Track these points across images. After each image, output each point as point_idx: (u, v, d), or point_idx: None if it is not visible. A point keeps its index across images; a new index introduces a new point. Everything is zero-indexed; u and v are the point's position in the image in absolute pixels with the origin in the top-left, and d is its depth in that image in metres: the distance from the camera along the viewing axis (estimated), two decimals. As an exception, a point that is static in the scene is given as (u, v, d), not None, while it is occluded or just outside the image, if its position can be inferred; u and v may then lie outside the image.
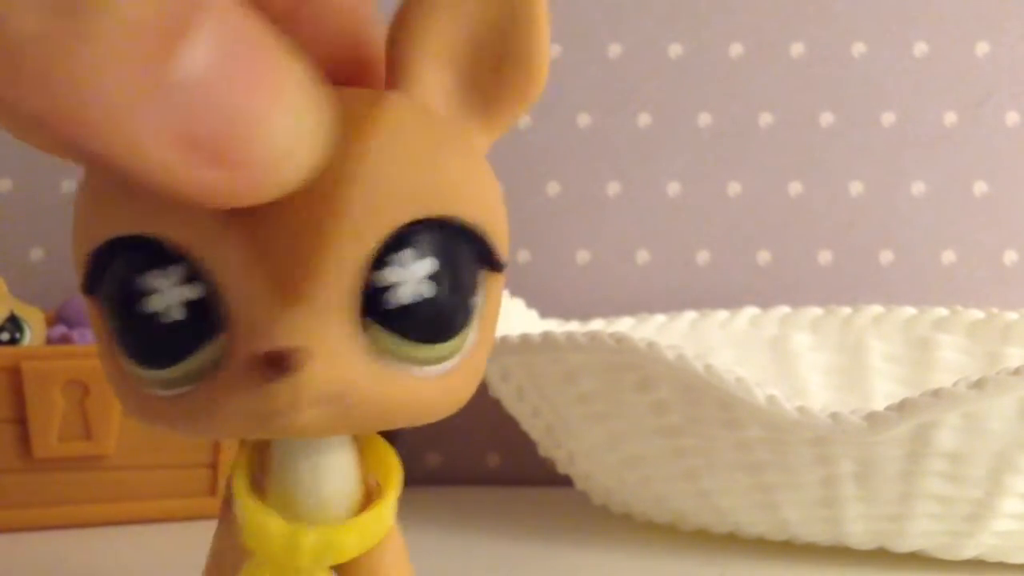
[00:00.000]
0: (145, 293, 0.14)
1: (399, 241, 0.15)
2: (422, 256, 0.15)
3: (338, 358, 0.14)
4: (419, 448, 0.45)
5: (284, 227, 0.14)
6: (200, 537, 0.19)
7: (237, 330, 0.14)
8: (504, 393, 0.36)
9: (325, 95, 0.14)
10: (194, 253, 0.14)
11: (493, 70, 0.16)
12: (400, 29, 0.16)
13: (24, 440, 0.35)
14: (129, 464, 0.36)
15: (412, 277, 0.15)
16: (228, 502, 0.19)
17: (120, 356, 0.15)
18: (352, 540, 0.16)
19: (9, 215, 0.46)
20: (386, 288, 0.15)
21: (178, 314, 0.14)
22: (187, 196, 0.13)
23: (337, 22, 0.17)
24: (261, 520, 0.16)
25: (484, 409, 0.39)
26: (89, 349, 0.36)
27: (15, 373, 0.35)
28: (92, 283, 0.15)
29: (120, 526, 0.36)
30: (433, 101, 0.16)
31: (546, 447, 0.37)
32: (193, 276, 0.14)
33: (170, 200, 0.13)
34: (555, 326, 0.43)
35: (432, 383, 0.16)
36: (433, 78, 0.16)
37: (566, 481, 0.38)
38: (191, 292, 0.14)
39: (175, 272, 0.14)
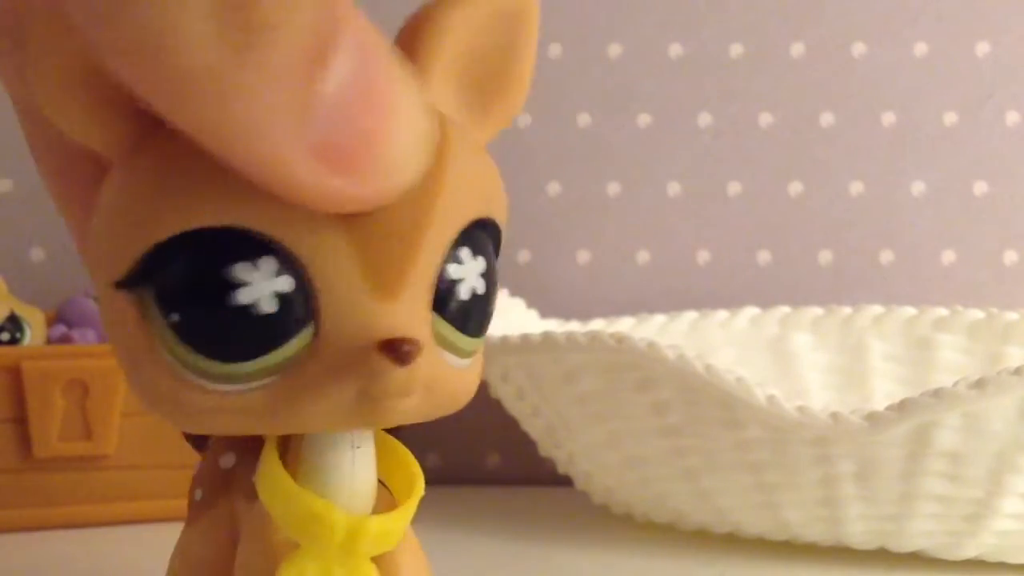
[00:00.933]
0: (234, 285, 0.14)
1: (460, 241, 0.16)
2: (477, 254, 0.16)
3: (429, 348, 0.15)
4: (419, 448, 0.45)
5: (383, 228, 0.15)
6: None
7: (330, 322, 0.15)
8: (504, 393, 0.36)
9: (433, 115, 0.15)
10: (293, 248, 0.14)
11: (489, 82, 0.17)
12: (415, 39, 0.17)
13: (24, 440, 0.35)
14: (129, 464, 0.36)
15: (471, 274, 0.16)
16: (203, 507, 0.19)
17: (181, 352, 0.15)
18: (400, 529, 0.17)
19: (9, 215, 0.46)
20: (452, 284, 0.16)
21: (269, 306, 0.14)
22: (314, 202, 0.14)
23: None
24: (320, 511, 0.16)
25: (484, 409, 0.39)
26: (89, 349, 0.36)
27: (15, 373, 0.35)
28: (141, 276, 0.15)
29: (120, 526, 0.36)
30: (442, 110, 0.17)
31: (546, 447, 0.37)
32: (283, 269, 0.15)
33: (260, 192, 0.14)
34: (555, 326, 0.43)
35: (465, 373, 0.17)
36: (440, 89, 0.17)
37: (566, 481, 0.38)
38: (283, 284, 0.14)
39: (266, 264, 0.14)
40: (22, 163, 0.47)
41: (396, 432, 0.18)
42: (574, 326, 0.43)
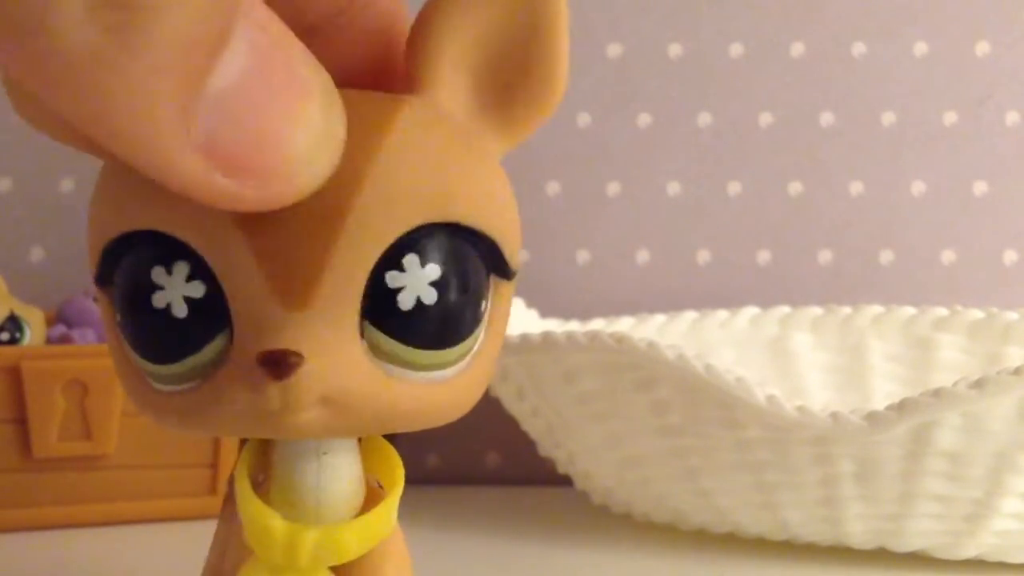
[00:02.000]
0: (150, 288, 0.15)
1: (404, 246, 0.15)
2: (427, 261, 0.15)
3: (337, 362, 0.14)
4: (419, 448, 0.45)
5: (290, 230, 0.14)
6: (200, 537, 0.19)
7: (240, 330, 0.14)
8: (504, 393, 0.36)
9: (342, 103, 0.14)
10: (199, 251, 0.14)
11: (512, 78, 0.16)
12: (419, 33, 0.16)
13: (24, 440, 0.35)
14: (129, 464, 0.36)
15: (416, 282, 0.15)
16: (228, 499, 0.19)
17: (127, 350, 0.16)
18: (353, 540, 0.16)
19: (9, 215, 0.46)
20: (389, 293, 0.15)
21: (181, 311, 0.14)
22: (203, 200, 0.13)
23: (375, 27, 0.17)
24: (262, 519, 0.16)
25: (484, 409, 0.39)
26: (89, 349, 0.36)
27: (15, 373, 0.35)
28: (104, 275, 0.15)
29: (120, 526, 0.36)
30: (449, 106, 0.16)
31: (546, 447, 0.37)
32: (198, 274, 0.14)
33: (181, 198, 0.13)
34: (555, 326, 0.43)
35: (434, 389, 0.16)
36: (450, 83, 0.16)
37: (566, 481, 0.38)
38: (195, 290, 0.14)
39: (180, 269, 0.14)
40: (22, 162, 0.47)
41: (396, 433, 0.18)
42: (574, 326, 0.43)
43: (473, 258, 0.16)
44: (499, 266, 0.16)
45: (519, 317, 0.42)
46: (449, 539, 0.35)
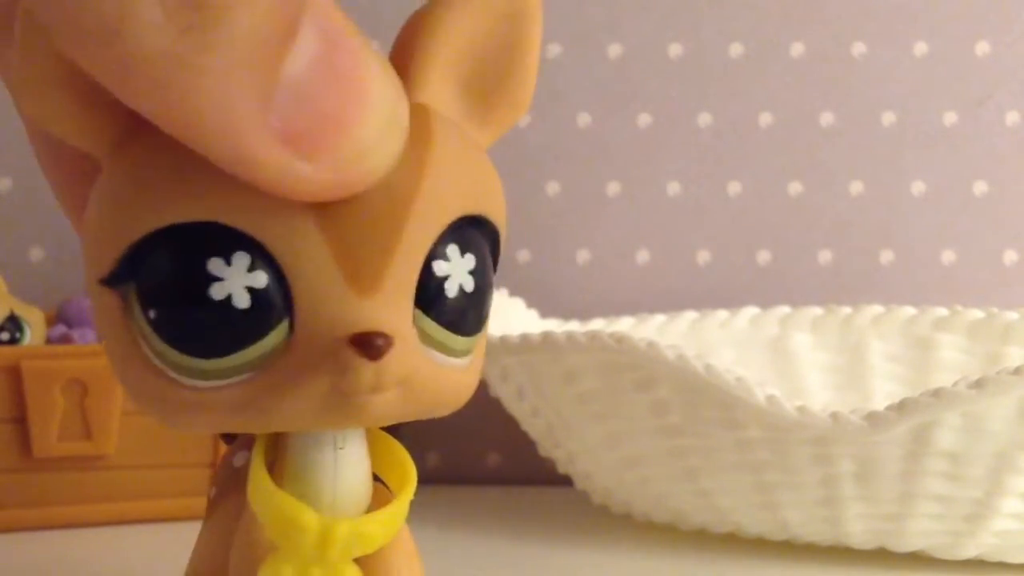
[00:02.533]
0: (207, 280, 0.14)
1: (448, 237, 0.15)
2: (466, 251, 0.16)
3: (407, 345, 0.15)
4: (419, 448, 0.45)
5: (360, 220, 0.14)
6: (200, 537, 0.19)
7: (306, 317, 0.15)
8: (504, 393, 0.36)
9: (406, 99, 0.14)
10: (268, 243, 0.14)
11: (493, 82, 0.17)
12: (410, 41, 0.16)
13: (24, 440, 0.35)
14: (129, 464, 0.36)
15: (459, 271, 0.16)
16: (215, 504, 0.19)
17: (160, 348, 0.15)
18: (379, 532, 0.16)
19: (9, 215, 0.46)
20: (438, 280, 0.15)
21: (243, 302, 0.14)
22: (278, 189, 0.14)
23: None
24: (293, 513, 0.16)
25: (484, 409, 0.39)
26: (89, 349, 0.36)
27: (15, 373, 0.35)
28: (124, 273, 0.15)
29: (120, 526, 0.36)
30: (440, 110, 0.17)
31: (546, 447, 0.37)
32: (257, 264, 0.14)
33: (244, 190, 0.14)
34: (555, 326, 0.43)
35: (458, 373, 0.16)
36: (439, 88, 0.17)
37: (566, 481, 0.38)
38: (258, 279, 0.14)
39: (240, 259, 0.14)
40: (22, 162, 0.47)
41: (395, 432, 0.18)
42: (574, 326, 0.43)
43: (489, 249, 0.17)
44: (496, 253, 0.17)
45: (519, 317, 0.42)
46: (449, 539, 0.35)
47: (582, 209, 0.47)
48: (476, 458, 0.46)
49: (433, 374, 0.16)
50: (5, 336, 0.37)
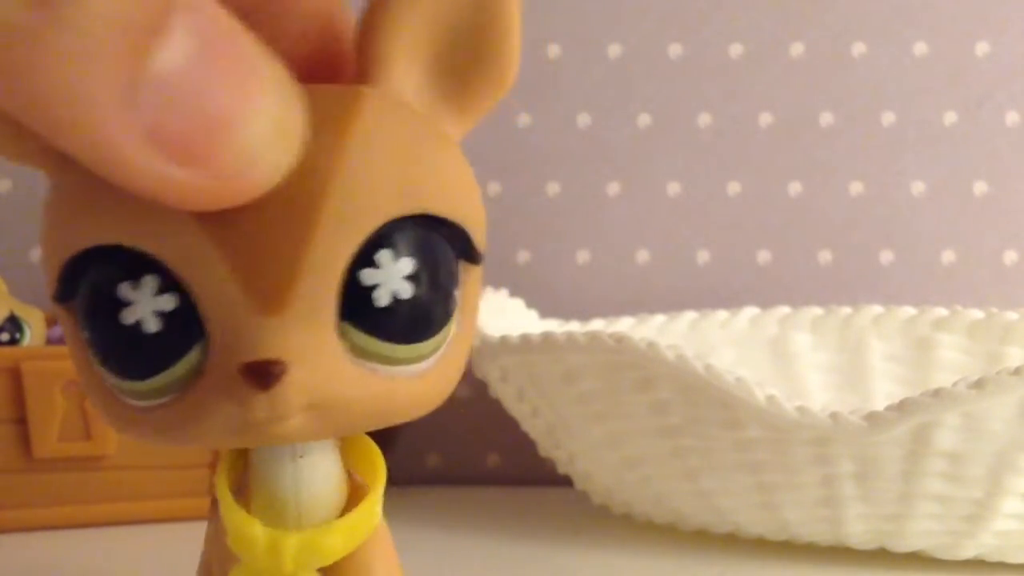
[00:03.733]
0: (119, 304, 0.14)
1: (377, 241, 0.14)
2: (401, 255, 0.15)
3: (319, 365, 0.14)
4: (419, 448, 0.45)
5: (260, 234, 0.14)
6: (200, 537, 0.19)
7: (216, 340, 0.14)
8: (504, 393, 0.36)
9: (299, 94, 0.14)
10: (169, 263, 0.14)
11: (465, 63, 0.16)
12: (372, 22, 0.16)
13: (24, 440, 0.35)
14: (129, 464, 0.36)
15: (391, 278, 0.15)
16: (215, 504, 0.19)
17: (97, 367, 0.15)
18: (337, 542, 0.16)
19: (9, 215, 0.46)
20: (365, 290, 0.14)
21: (153, 326, 0.14)
22: (156, 196, 0.13)
23: (307, 16, 0.17)
24: (243, 526, 0.16)
25: (484, 409, 0.39)
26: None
27: (15, 373, 0.35)
28: (65, 292, 0.15)
29: (120, 526, 0.36)
30: (405, 94, 0.16)
31: (546, 447, 0.37)
32: (168, 287, 0.14)
33: (144, 209, 0.13)
34: (555, 326, 0.43)
35: (412, 381, 0.15)
36: (405, 71, 0.16)
37: (566, 481, 0.38)
38: (166, 303, 0.14)
39: (149, 283, 0.14)
40: (22, 163, 0.47)
41: (396, 431, 0.18)
42: (574, 326, 0.43)
43: (444, 247, 0.15)
44: (468, 252, 0.16)
45: (519, 317, 0.42)
46: (449, 539, 0.35)
47: (582, 209, 0.47)
48: (476, 458, 0.46)
49: (363, 389, 0.15)
50: (5, 336, 0.37)
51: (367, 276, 0.14)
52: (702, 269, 0.47)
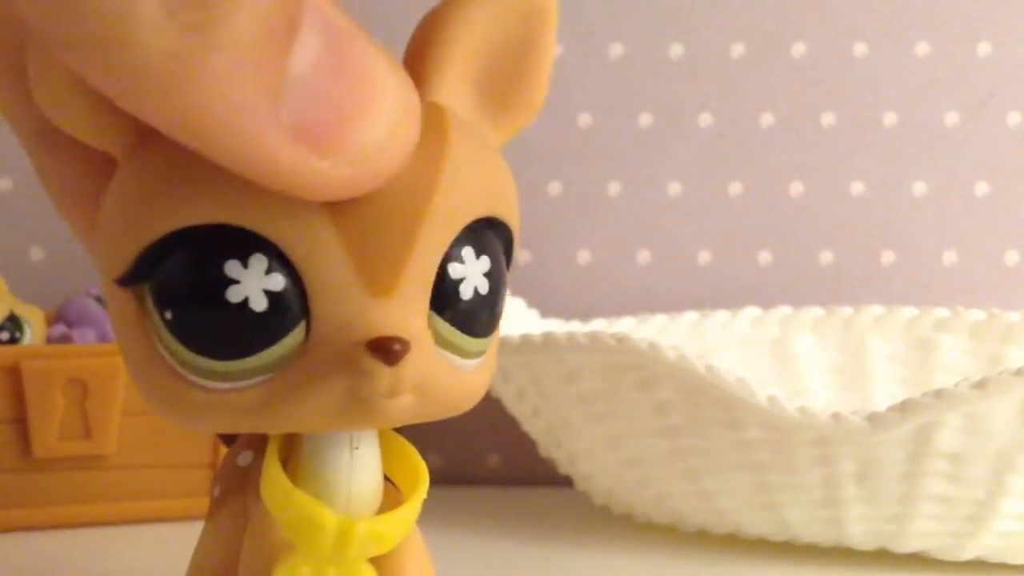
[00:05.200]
0: (223, 283, 0.14)
1: (462, 239, 0.15)
2: (481, 253, 0.16)
3: (424, 348, 0.15)
4: (419, 448, 0.45)
5: (376, 221, 0.14)
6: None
7: (322, 319, 0.15)
8: (505, 393, 0.36)
9: (413, 87, 0.14)
10: (280, 243, 0.14)
11: (505, 84, 0.17)
12: (427, 38, 0.16)
13: (24, 440, 0.35)
14: (129, 464, 0.36)
15: (474, 273, 0.16)
16: (220, 503, 0.19)
17: (175, 349, 0.15)
18: (395, 531, 0.16)
19: (9, 215, 0.46)
20: (453, 283, 0.15)
21: (260, 305, 0.14)
22: (294, 188, 0.14)
23: None
24: (312, 512, 0.16)
25: (484, 409, 0.39)
26: (89, 349, 0.36)
27: (15, 373, 0.35)
28: (139, 273, 0.15)
29: (120, 526, 0.36)
30: (454, 108, 0.17)
31: (547, 447, 0.37)
32: (274, 266, 0.14)
33: (255, 190, 0.14)
34: (556, 326, 0.43)
35: (470, 375, 0.16)
36: (454, 87, 0.17)
37: (567, 482, 0.38)
38: (273, 282, 0.14)
39: (258, 262, 0.14)
40: (22, 162, 0.47)
41: (397, 431, 0.18)
42: (575, 326, 0.43)
43: (502, 250, 0.17)
44: (510, 255, 0.17)
45: (519, 317, 0.42)
46: (449, 539, 0.35)
47: (583, 209, 0.47)
48: (477, 459, 0.46)
49: (447, 377, 0.16)
50: (5, 336, 0.37)
51: (455, 270, 0.15)
52: (703, 269, 0.47)
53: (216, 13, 0.12)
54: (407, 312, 0.15)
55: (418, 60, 0.16)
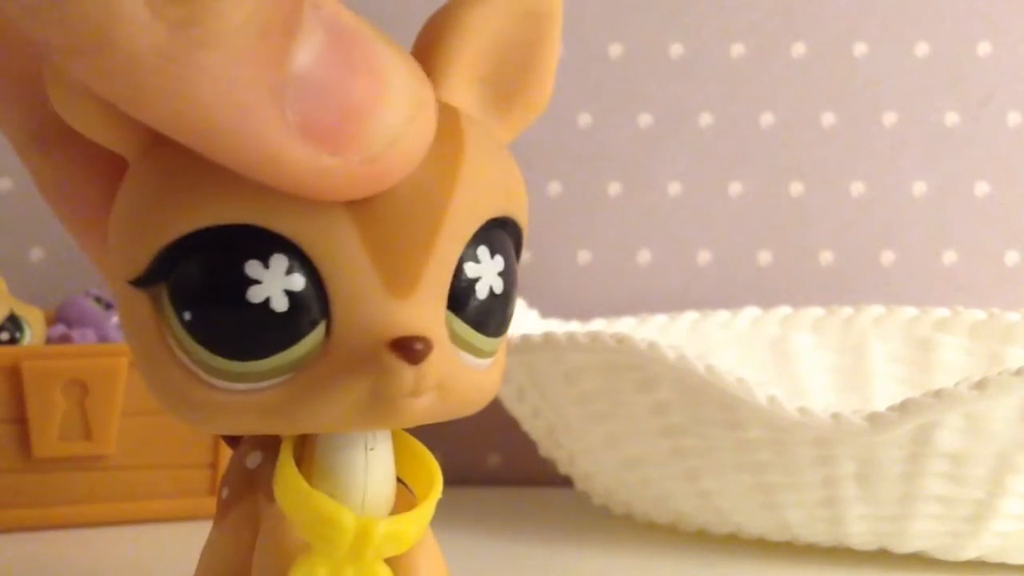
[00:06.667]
0: (244, 283, 0.14)
1: (478, 238, 0.16)
2: (496, 253, 0.16)
3: (443, 348, 0.15)
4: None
5: (396, 221, 0.14)
6: (200, 537, 0.19)
7: (343, 319, 0.14)
8: (505, 393, 0.36)
9: (428, 82, 0.14)
10: (301, 242, 0.14)
11: (512, 83, 0.17)
12: (438, 37, 0.16)
13: (24, 440, 0.35)
14: (129, 464, 0.36)
15: (489, 273, 0.16)
16: (229, 505, 0.19)
17: (192, 350, 0.15)
18: (412, 531, 0.16)
19: (9, 215, 0.46)
20: (470, 282, 0.15)
21: (281, 305, 0.14)
22: (305, 188, 0.13)
23: None
24: (329, 513, 0.16)
25: (485, 410, 0.39)
26: (89, 349, 0.36)
27: (15, 373, 0.35)
28: (156, 274, 0.15)
29: (120, 526, 0.36)
30: (462, 109, 0.17)
31: (547, 447, 0.37)
32: (295, 266, 0.14)
33: (272, 189, 0.14)
34: (556, 326, 0.43)
35: (483, 375, 0.16)
36: (462, 87, 0.17)
37: (566, 482, 0.38)
38: (294, 282, 0.14)
39: (278, 262, 0.14)
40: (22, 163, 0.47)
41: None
42: (575, 326, 0.43)
43: (514, 249, 0.17)
44: (518, 254, 0.17)
45: (520, 317, 0.42)
46: (449, 540, 0.35)
47: (583, 209, 0.47)
48: (477, 459, 0.46)
49: (465, 376, 0.16)
50: (5, 336, 0.37)
51: (471, 269, 0.15)
52: (703, 269, 0.47)
53: (201, 9, 0.12)
54: (427, 311, 0.15)
55: (425, 61, 0.16)
